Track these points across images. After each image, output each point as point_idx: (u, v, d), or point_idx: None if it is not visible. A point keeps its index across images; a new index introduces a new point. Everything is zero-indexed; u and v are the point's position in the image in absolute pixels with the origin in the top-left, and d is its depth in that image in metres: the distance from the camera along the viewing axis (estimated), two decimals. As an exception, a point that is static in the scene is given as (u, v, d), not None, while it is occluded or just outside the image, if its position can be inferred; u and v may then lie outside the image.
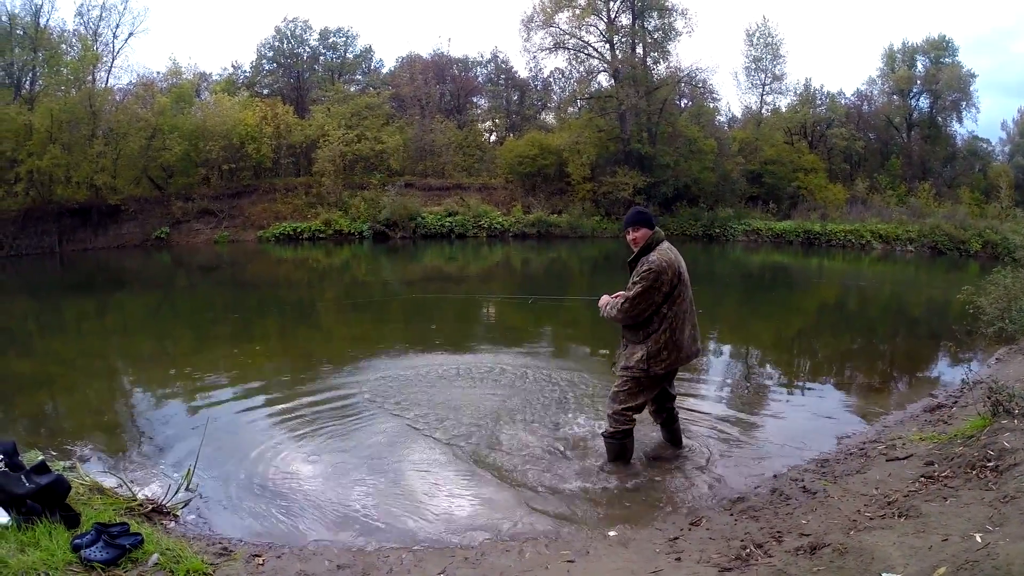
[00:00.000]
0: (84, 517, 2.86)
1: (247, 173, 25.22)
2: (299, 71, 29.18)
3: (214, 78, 30.20)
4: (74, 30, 22.53)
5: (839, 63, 55.93)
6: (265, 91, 29.05)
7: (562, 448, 4.16)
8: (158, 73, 25.71)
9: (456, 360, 6.64)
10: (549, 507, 3.44)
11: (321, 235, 22.62)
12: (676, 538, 2.94)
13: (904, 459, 3.63)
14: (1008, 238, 18.07)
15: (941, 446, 3.71)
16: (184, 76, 26.61)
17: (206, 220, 23.71)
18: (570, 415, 4.84)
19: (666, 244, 3.52)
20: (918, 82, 32.11)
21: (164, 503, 3.38)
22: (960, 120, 32.69)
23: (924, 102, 32.63)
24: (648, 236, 3.49)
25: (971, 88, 31.56)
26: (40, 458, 3.26)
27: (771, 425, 4.77)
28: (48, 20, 22.04)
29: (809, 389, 5.94)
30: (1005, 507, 2.59)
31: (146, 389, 6.27)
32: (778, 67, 28.94)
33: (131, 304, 12.87)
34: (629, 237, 3.55)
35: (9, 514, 2.70)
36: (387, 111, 25.00)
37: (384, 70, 29.50)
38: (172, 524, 3.27)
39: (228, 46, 50.12)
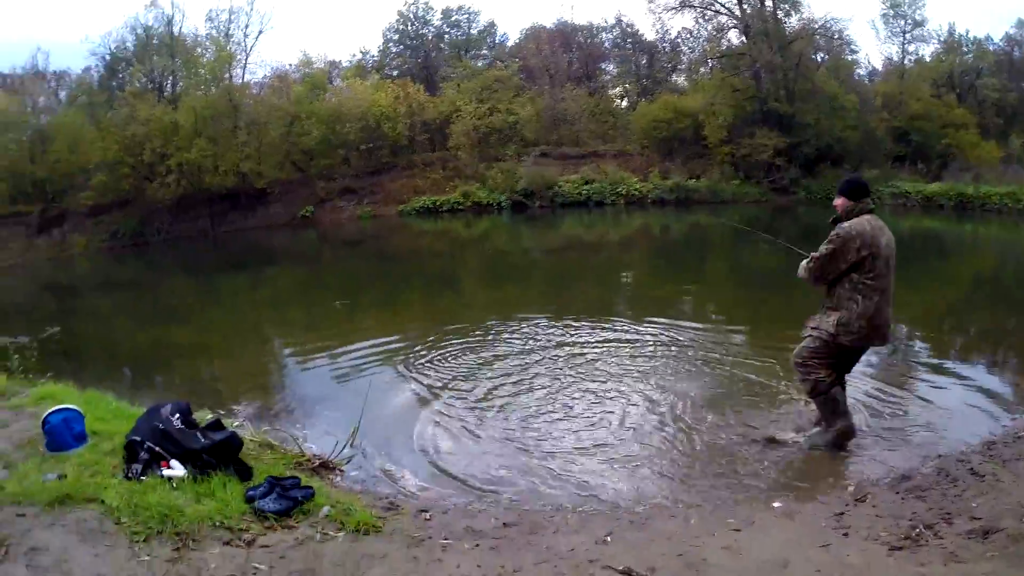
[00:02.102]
0: (256, 471, 2.98)
1: (385, 151, 26.77)
2: (426, 51, 30.50)
3: (344, 65, 32.16)
4: (207, 34, 24.54)
5: (984, 4, 50.20)
6: (395, 73, 30.52)
7: (727, 419, 4.20)
8: (291, 65, 27.51)
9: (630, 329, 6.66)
10: (713, 475, 3.50)
11: (460, 207, 23.66)
12: (842, 513, 2.88)
13: None
14: None
15: None
16: (315, 66, 28.57)
17: (348, 197, 25.49)
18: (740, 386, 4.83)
19: (867, 217, 3.48)
20: (1077, 19, 28.75)
21: (331, 459, 3.47)
22: (1126, 61, 28.96)
23: (1087, 43, 29.24)
24: (847, 206, 3.51)
25: None
26: (211, 416, 3.46)
27: (922, 404, 4.61)
28: (181, 27, 24.22)
29: (961, 367, 5.64)
30: None
31: (300, 355, 6.57)
32: (918, 12, 26.83)
33: (281, 278, 13.85)
34: (835, 203, 3.64)
35: (186, 468, 2.83)
36: (517, 83, 25.73)
37: (509, 43, 30.27)
38: (338, 479, 3.38)
39: (354, 34, 52.61)
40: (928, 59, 27.75)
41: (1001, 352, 6.65)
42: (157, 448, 2.87)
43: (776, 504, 3.08)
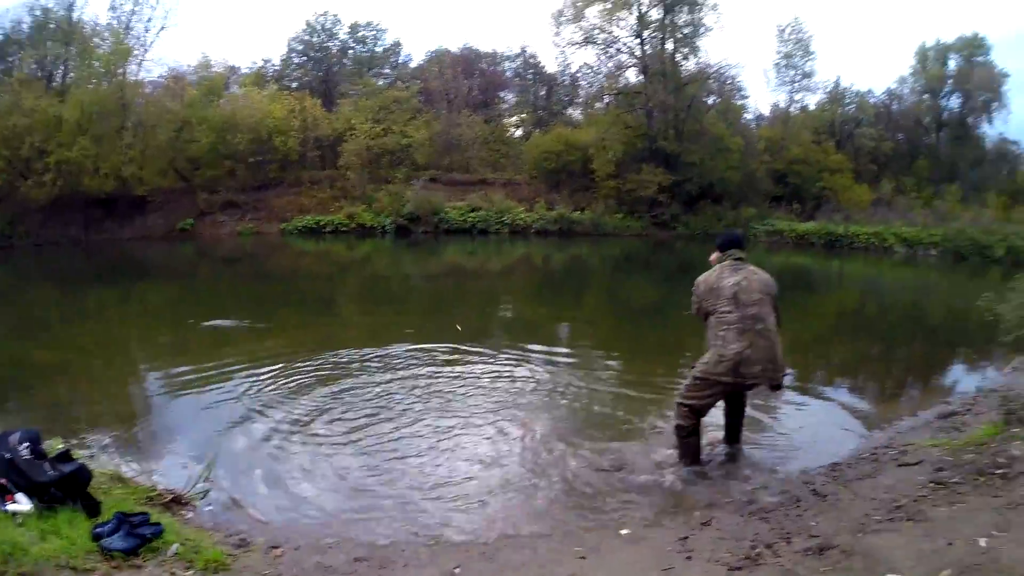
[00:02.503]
0: (105, 506, 2.88)
1: (274, 166, 25.56)
2: (328, 65, 29.60)
3: (243, 71, 30.74)
4: (107, 24, 22.99)
5: (870, 61, 54.63)
6: (294, 84, 29.50)
7: (580, 449, 4.22)
8: (188, 66, 26.16)
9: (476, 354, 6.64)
10: (563, 505, 3.53)
11: (344, 228, 22.89)
12: (687, 537, 2.97)
13: (915, 464, 3.66)
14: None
15: (952, 452, 3.72)
16: (214, 69, 27.13)
17: (231, 212, 24.14)
18: (594, 418, 4.87)
19: (724, 264, 3.81)
20: (949, 81, 31.52)
21: (183, 493, 3.40)
22: (991, 121, 32.00)
23: (955, 102, 32.07)
24: (715, 258, 3.89)
25: (1003, 88, 30.93)
26: (62, 446, 3.30)
27: (783, 428, 4.78)
28: (81, 14, 22.57)
29: (823, 393, 5.91)
30: (1011, 513, 2.63)
31: (164, 379, 6.22)
32: (808, 64, 28.45)
33: (152, 294, 13.07)
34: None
35: (32, 501, 2.70)
36: (415, 105, 25.24)
37: (412, 64, 29.87)
38: (191, 515, 3.30)
39: (259, 41, 50.90)
40: (812, 108, 29.47)
41: (861, 378, 7.09)
42: (3, 480, 2.72)
43: (624, 531, 3.15)
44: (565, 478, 3.84)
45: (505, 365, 6.39)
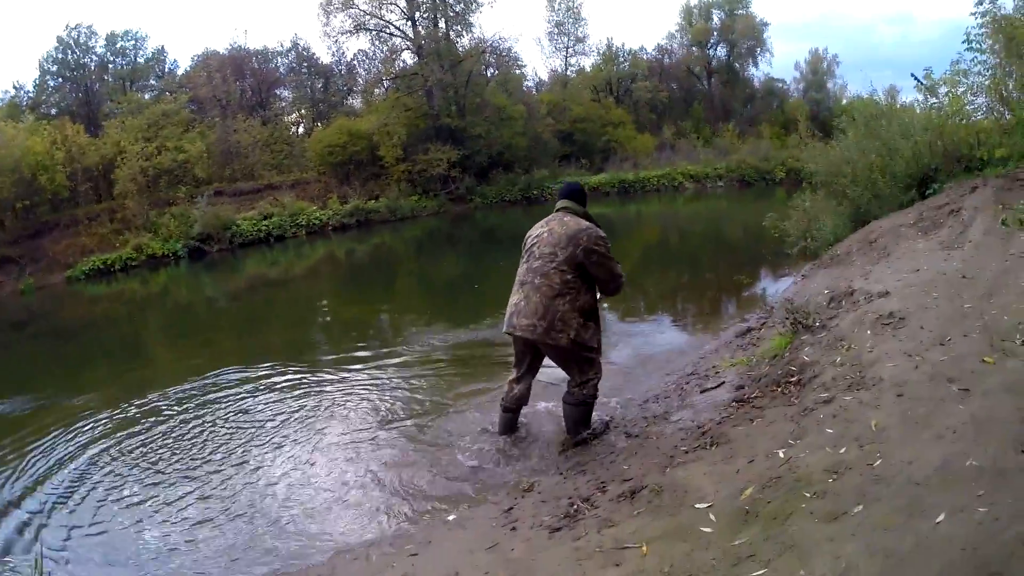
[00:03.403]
0: None
1: (44, 208, 23.19)
2: (87, 83, 26.93)
3: (-4, 101, 27.19)
4: None
5: (639, 22, 59.97)
6: (53, 111, 26.62)
7: (396, 443, 4.17)
8: None
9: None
10: (389, 504, 3.47)
11: (133, 263, 21.40)
12: (511, 508, 2.99)
13: (716, 388, 3.79)
14: (807, 166, 20.86)
15: (750, 368, 3.83)
16: None
17: (7, 269, 21.52)
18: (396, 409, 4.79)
19: (548, 217, 3.67)
20: (715, 33, 35.31)
21: None
22: (756, 64, 36.45)
23: (722, 51, 36.02)
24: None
25: (764, 36, 35.25)
26: None
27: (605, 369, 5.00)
28: None
29: (633, 331, 6.06)
30: (804, 420, 2.68)
31: None
32: (580, 30, 30.80)
33: None
34: None
35: None
36: (186, 116, 23.89)
37: (180, 71, 27.98)
38: None
39: (6, 65, 44.17)
40: (589, 69, 31.90)
41: (670, 308, 7.38)
42: None
43: (451, 517, 3.11)
44: (386, 479, 3.73)
45: (314, 376, 6.13)
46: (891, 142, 7.40)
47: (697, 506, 2.31)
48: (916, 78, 8.02)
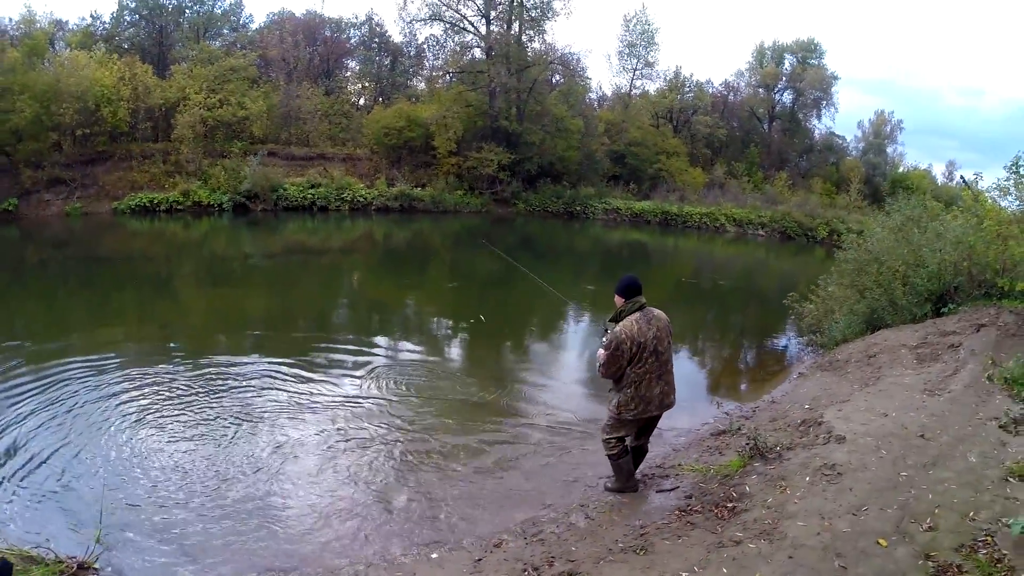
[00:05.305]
0: None
1: (102, 138, 23.63)
2: (163, 24, 27.48)
3: (71, 27, 27.85)
4: None
5: (710, 54, 59.49)
6: (126, 45, 27.16)
7: (404, 475, 4.52)
8: (10, 20, 23.29)
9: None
10: (386, 532, 3.81)
11: (179, 207, 21.83)
12: (480, 559, 3.36)
13: (670, 491, 4.03)
14: (852, 228, 20.37)
15: (704, 479, 4.06)
16: (38, 25, 24.38)
17: (57, 190, 22.11)
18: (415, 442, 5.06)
19: (635, 315, 3.89)
20: (783, 79, 35.00)
21: (86, 560, 3.47)
22: (819, 117, 36.05)
23: (787, 97, 35.75)
24: (620, 305, 3.95)
25: (832, 89, 34.80)
26: None
27: (586, 439, 5.12)
28: None
29: None
30: (714, 553, 2.91)
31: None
32: (651, 54, 30.60)
33: None
34: (615, 300, 4.07)
35: None
36: (253, 73, 24.24)
37: (253, 26, 28.35)
38: None
39: None
40: (653, 94, 31.70)
41: (682, 371, 7.25)
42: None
43: (434, 555, 3.46)
44: (384, 504, 4.11)
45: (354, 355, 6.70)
46: (919, 251, 7.36)
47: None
48: (964, 181, 7.78)
